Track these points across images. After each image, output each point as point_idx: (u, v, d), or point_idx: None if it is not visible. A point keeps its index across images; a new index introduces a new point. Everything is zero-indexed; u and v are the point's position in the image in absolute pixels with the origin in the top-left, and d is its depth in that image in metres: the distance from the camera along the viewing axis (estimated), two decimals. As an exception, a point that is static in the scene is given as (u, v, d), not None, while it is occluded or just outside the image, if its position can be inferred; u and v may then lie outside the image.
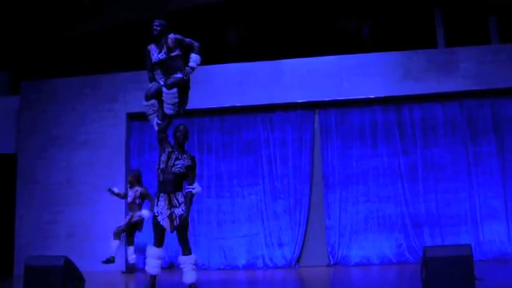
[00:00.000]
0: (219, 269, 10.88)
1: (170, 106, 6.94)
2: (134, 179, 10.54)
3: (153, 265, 6.96)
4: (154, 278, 6.96)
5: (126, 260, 10.88)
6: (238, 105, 11.42)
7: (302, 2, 11.88)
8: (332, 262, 10.75)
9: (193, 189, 6.89)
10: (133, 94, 11.52)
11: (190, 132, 7.40)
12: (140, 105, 11.04)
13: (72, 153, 11.64)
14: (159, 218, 6.86)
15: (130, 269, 10.65)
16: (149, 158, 11.60)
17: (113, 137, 11.61)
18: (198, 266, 10.75)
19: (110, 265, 9.98)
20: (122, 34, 12.42)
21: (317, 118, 11.45)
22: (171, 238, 10.44)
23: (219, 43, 12.38)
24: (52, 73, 12.50)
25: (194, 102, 7.91)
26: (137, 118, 11.71)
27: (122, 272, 10.69)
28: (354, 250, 10.83)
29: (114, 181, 11.34)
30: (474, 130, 10.97)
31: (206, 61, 11.57)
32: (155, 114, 7.08)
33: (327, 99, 11.18)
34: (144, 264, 9.89)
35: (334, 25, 12.22)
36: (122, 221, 10.64)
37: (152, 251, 6.97)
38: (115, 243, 10.13)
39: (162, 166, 6.89)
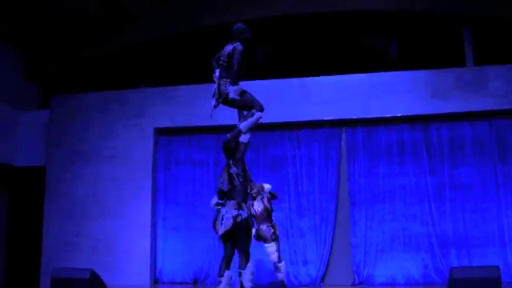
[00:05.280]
0: (243, 285, 10.82)
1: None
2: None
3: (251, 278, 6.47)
4: None
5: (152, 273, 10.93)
6: (265, 122, 11.38)
7: (330, 21, 11.87)
8: (357, 281, 10.64)
9: None
10: (160, 109, 11.61)
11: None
12: (167, 120, 11.32)
13: (98, 166, 11.73)
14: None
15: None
16: (175, 173, 11.66)
17: (139, 151, 11.66)
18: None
19: (135, 278, 9.65)
20: (150, 50, 12.54)
21: (344, 135, 11.38)
22: (199, 252, 10.54)
23: (247, 60, 12.39)
24: (82, 87, 12.64)
25: (221, 118, 7.93)
26: (164, 133, 11.78)
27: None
28: (379, 269, 10.70)
29: (140, 195, 11.39)
30: (503, 149, 10.79)
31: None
32: None
33: (355, 117, 11.13)
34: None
35: (362, 43, 12.17)
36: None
37: (252, 264, 6.53)
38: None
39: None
